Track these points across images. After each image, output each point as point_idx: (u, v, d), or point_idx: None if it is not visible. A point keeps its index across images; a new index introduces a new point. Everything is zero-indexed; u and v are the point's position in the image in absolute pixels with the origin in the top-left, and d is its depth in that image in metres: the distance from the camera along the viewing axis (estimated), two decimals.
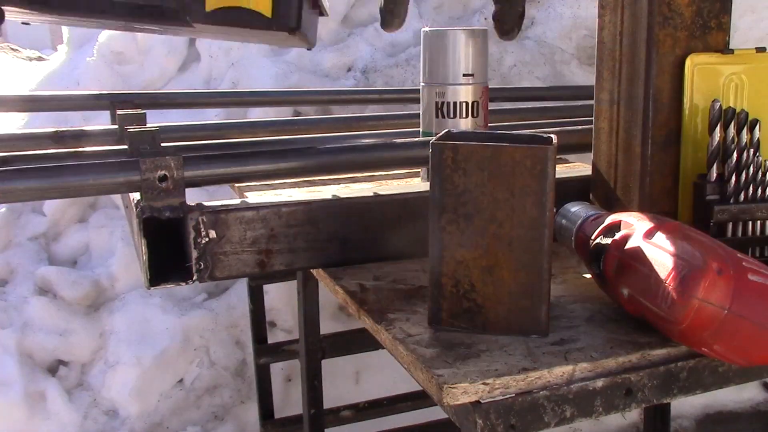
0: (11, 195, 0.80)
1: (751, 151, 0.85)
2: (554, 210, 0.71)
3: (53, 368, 1.92)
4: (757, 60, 0.91)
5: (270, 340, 1.76)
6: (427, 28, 1.05)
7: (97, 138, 1.21)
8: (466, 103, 1.06)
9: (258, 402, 1.76)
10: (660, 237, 0.69)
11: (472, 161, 0.70)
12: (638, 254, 0.69)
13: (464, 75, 1.05)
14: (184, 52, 2.38)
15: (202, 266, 0.85)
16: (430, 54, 1.07)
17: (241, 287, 1.98)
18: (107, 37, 2.35)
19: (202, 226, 0.85)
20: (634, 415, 2.00)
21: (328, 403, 1.54)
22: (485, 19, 2.15)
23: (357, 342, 1.57)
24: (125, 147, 1.06)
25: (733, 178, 0.85)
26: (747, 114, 0.85)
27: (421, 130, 1.12)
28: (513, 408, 0.63)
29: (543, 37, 2.18)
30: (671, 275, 0.64)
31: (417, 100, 1.12)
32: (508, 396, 0.63)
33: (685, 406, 2.10)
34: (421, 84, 1.09)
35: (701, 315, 0.62)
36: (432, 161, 0.71)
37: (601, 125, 0.98)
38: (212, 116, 1.98)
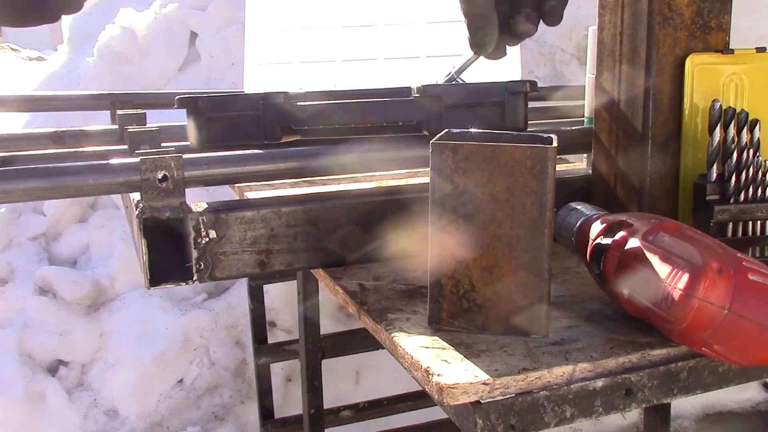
0: (11, 195, 0.80)
1: (751, 151, 0.85)
2: (554, 210, 0.71)
3: (53, 368, 1.92)
4: (757, 60, 0.91)
5: (270, 340, 1.77)
6: (593, 27, 1.05)
7: (97, 138, 1.21)
8: None
9: (258, 402, 1.76)
10: (660, 237, 0.69)
11: (472, 161, 0.70)
12: (638, 254, 0.69)
13: None
14: (184, 52, 2.38)
15: (202, 266, 0.85)
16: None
17: (241, 287, 1.98)
18: (107, 37, 2.36)
19: (202, 226, 0.85)
20: (634, 415, 2.00)
21: (328, 403, 1.54)
22: None
23: (357, 342, 1.58)
24: (125, 147, 1.06)
25: (733, 178, 0.85)
26: (747, 114, 0.85)
27: (585, 117, 1.14)
28: (513, 408, 0.63)
29: (543, 37, 2.18)
30: (671, 275, 0.64)
31: None
32: (508, 396, 0.63)
33: (685, 406, 2.10)
34: (588, 75, 1.11)
35: (701, 315, 0.62)
36: (432, 161, 0.71)
37: (601, 125, 0.98)
38: None
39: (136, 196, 0.85)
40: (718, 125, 0.86)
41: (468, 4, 0.88)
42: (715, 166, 0.86)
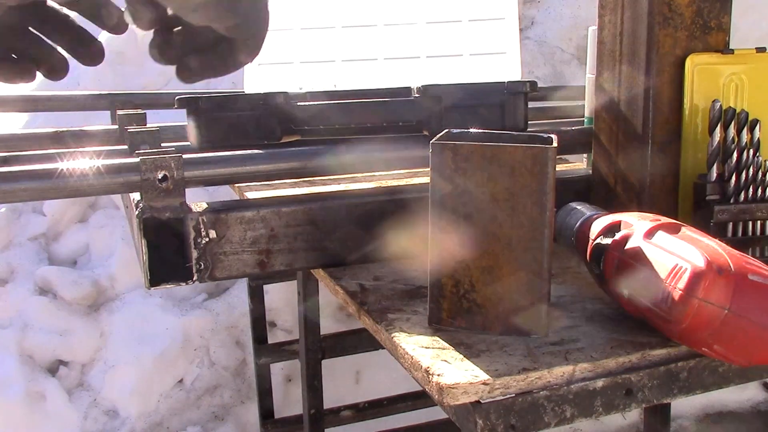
0: (11, 195, 0.80)
1: (751, 151, 0.85)
2: (554, 210, 0.71)
3: (53, 368, 1.92)
4: (757, 60, 0.91)
5: (270, 340, 1.77)
6: (593, 27, 1.05)
7: (97, 138, 1.21)
8: None
9: (258, 402, 1.76)
10: (660, 237, 0.69)
11: (472, 161, 0.70)
12: (638, 254, 0.69)
13: None
14: None
15: (202, 266, 0.85)
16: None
17: (241, 287, 1.98)
18: (107, 37, 2.35)
19: (202, 226, 0.85)
20: (634, 415, 2.00)
21: (328, 403, 1.54)
22: None
23: (357, 342, 1.58)
24: (125, 147, 1.06)
25: (733, 178, 0.85)
26: (747, 114, 0.85)
27: (585, 117, 1.13)
28: (513, 408, 0.63)
29: (543, 37, 2.18)
30: (671, 275, 0.64)
31: None
32: (508, 396, 0.63)
33: (685, 406, 2.10)
34: (588, 75, 1.10)
35: (701, 315, 0.62)
36: (432, 161, 0.71)
37: (601, 125, 0.98)
38: None
39: (136, 196, 0.85)
40: (718, 125, 0.86)
41: None
42: (715, 166, 0.86)
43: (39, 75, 0.71)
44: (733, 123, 0.85)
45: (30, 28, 0.70)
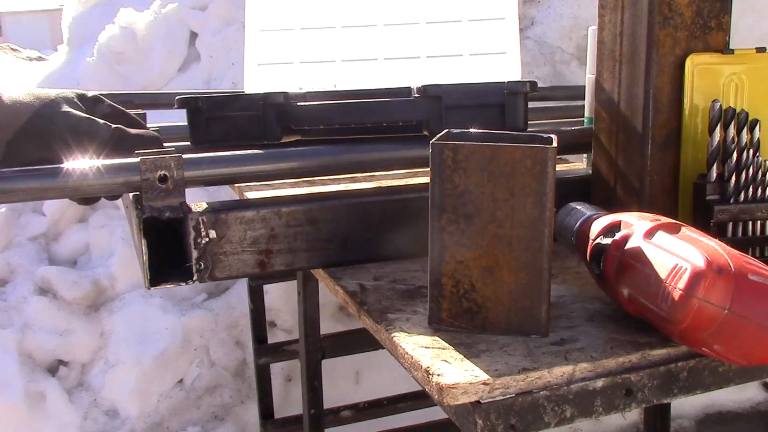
0: (11, 195, 0.80)
1: (751, 151, 0.85)
2: (554, 210, 0.71)
3: (53, 368, 1.92)
4: (757, 60, 0.91)
5: (270, 340, 1.77)
6: (593, 27, 1.05)
7: None
8: None
9: (258, 402, 1.76)
10: (660, 237, 0.69)
11: (472, 161, 0.70)
12: (638, 254, 0.69)
13: None
14: (184, 52, 2.38)
15: (202, 266, 0.85)
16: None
17: (241, 287, 1.98)
18: (107, 37, 2.36)
19: (202, 226, 0.85)
20: (634, 415, 2.00)
21: (328, 403, 1.54)
22: None
23: (357, 342, 1.58)
24: None
25: (733, 178, 0.85)
26: (747, 114, 0.85)
27: (585, 117, 1.13)
28: (513, 408, 0.63)
29: (543, 37, 2.18)
30: (671, 275, 0.64)
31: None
32: (508, 396, 0.63)
33: (685, 406, 2.10)
34: (588, 75, 1.09)
35: (701, 315, 0.62)
36: (432, 161, 0.71)
37: (601, 125, 0.98)
38: None
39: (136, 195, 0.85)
40: (718, 125, 0.86)
41: None
42: (715, 166, 0.86)
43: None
44: (733, 123, 0.85)
45: None
